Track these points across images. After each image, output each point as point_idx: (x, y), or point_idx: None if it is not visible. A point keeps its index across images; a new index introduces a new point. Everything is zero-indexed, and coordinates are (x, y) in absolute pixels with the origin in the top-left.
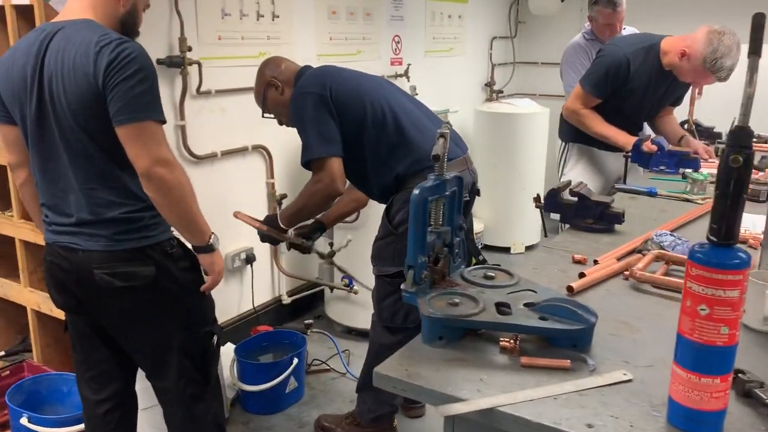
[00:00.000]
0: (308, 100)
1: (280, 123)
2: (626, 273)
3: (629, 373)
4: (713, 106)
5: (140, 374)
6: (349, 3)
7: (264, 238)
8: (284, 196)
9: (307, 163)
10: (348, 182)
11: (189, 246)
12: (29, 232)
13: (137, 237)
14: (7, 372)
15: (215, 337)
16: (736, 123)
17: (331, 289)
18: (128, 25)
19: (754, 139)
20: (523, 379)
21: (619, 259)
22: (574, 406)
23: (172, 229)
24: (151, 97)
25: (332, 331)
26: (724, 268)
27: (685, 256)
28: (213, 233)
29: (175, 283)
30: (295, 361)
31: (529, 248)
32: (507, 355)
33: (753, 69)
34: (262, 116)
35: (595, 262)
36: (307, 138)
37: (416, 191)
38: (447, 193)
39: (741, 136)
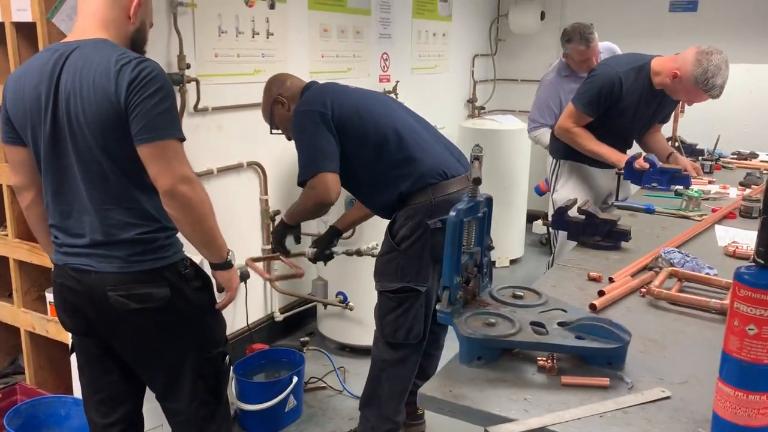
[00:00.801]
0: (308, 117)
1: (288, 139)
2: (642, 290)
3: (667, 390)
4: (695, 125)
5: (148, 395)
6: (340, 21)
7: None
8: (277, 212)
9: (302, 183)
10: None
11: (199, 266)
12: (24, 251)
13: (152, 258)
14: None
15: (227, 358)
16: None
17: (325, 305)
18: (137, 43)
19: (734, 156)
20: (566, 398)
21: (633, 276)
22: (621, 424)
23: (183, 249)
24: (172, 115)
25: (326, 348)
26: None
27: (697, 273)
28: (230, 250)
29: (189, 303)
30: (295, 379)
31: (513, 262)
32: (545, 374)
33: None
34: (270, 132)
35: (611, 279)
36: (303, 156)
37: (453, 213)
38: (479, 214)
39: None
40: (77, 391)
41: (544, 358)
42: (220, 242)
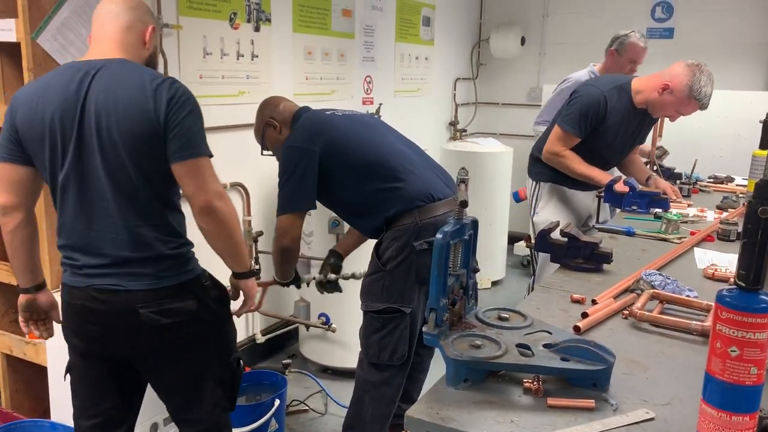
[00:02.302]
0: (294, 154)
1: (279, 161)
2: (625, 312)
3: (651, 411)
4: (672, 149)
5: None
6: (325, 44)
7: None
8: (260, 234)
9: (284, 217)
10: None
11: (215, 277)
12: (2, 272)
13: (179, 273)
14: None
15: (241, 362)
16: (762, 177)
17: (307, 327)
18: (151, 67)
19: (711, 180)
20: (552, 420)
21: (615, 298)
22: None
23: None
24: (203, 134)
25: (308, 370)
26: (754, 312)
27: (677, 295)
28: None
29: (212, 314)
30: (277, 402)
31: (495, 283)
32: (531, 395)
33: None
34: (261, 153)
35: (594, 301)
36: (292, 194)
37: (439, 236)
38: (465, 236)
39: (767, 189)
40: (54, 415)
41: (530, 380)
42: (245, 252)
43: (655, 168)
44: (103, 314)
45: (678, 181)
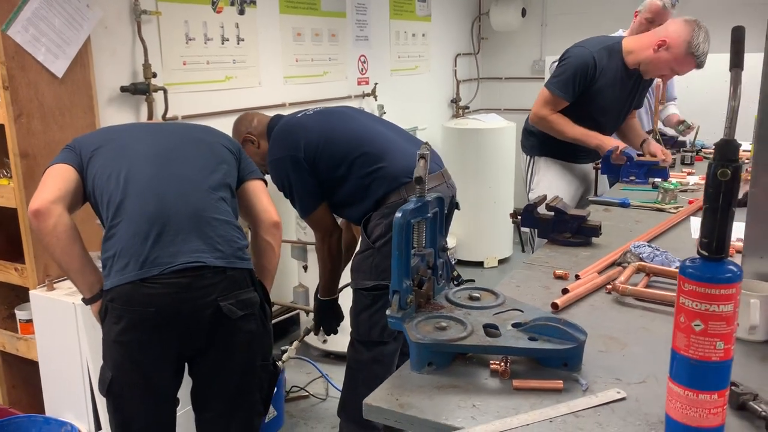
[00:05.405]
0: (286, 164)
1: (263, 173)
2: (608, 287)
3: (622, 391)
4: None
5: None
6: (314, 24)
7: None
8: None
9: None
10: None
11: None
12: None
13: (247, 259)
14: None
15: (278, 365)
16: (722, 136)
17: (307, 312)
18: None
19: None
20: (516, 403)
21: (600, 273)
22: (570, 429)
23: None
24: None
25: (309, 356)
26: (717, 283)
27: (665, 267)
28: None
29: (263, 311)
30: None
31: (502, 261)
32: (498, 378)
33: (736, 82)
34: None
35: (577, 277)
36: (299, 199)
37: (398, 215)
38: (429, 214)
39: (728, 149)
40: (49, 410)
41: (497, 362)
42: None
43: (657, 138)
44: (180, 305)
45: (682, 149)
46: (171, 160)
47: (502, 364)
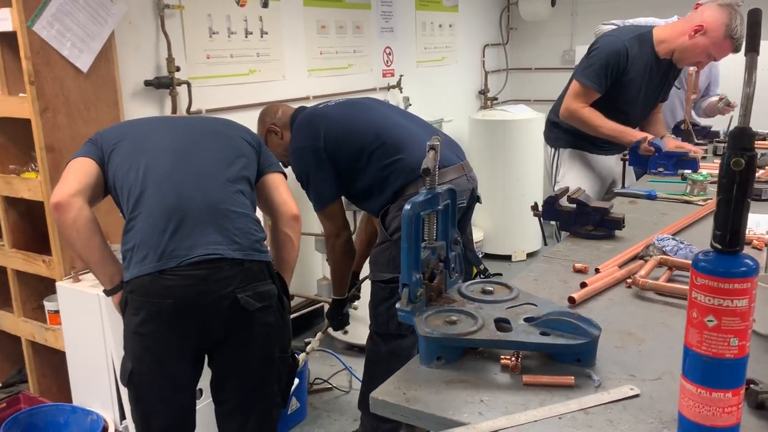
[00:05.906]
0: (307, 154)
1: (285, 165)
2: (629, 281)
3: (636, 388)
4: None
5: None
6: (339, 17)
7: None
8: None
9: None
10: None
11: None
12: (20, 261)
13: (265, 251)
14: (3, 404)
15: (296, 356)
16: (735, 124)
17: None
18: None
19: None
20: (525, 399)
21: (620, 267)
22: (579, 426)
23: None
24: None
25: (333, 348)
26: (731, 277)
27: (689, 261)
28: None
29: (281, 303)
30: (296, 381)
31: (530, 255)
32: (508, 373)
33: (752, 67)
34: None
35: (597, 270)
36: (315, 191)
37: (407, 207)
38: (440, 207)
39: (742, 138)
40: (76, 399)
41: (508, 357)
42: None
43: (688, 128)
44: (203, 294)
45: (715, 140)
46: (190, 153)
47: (513, 358)
